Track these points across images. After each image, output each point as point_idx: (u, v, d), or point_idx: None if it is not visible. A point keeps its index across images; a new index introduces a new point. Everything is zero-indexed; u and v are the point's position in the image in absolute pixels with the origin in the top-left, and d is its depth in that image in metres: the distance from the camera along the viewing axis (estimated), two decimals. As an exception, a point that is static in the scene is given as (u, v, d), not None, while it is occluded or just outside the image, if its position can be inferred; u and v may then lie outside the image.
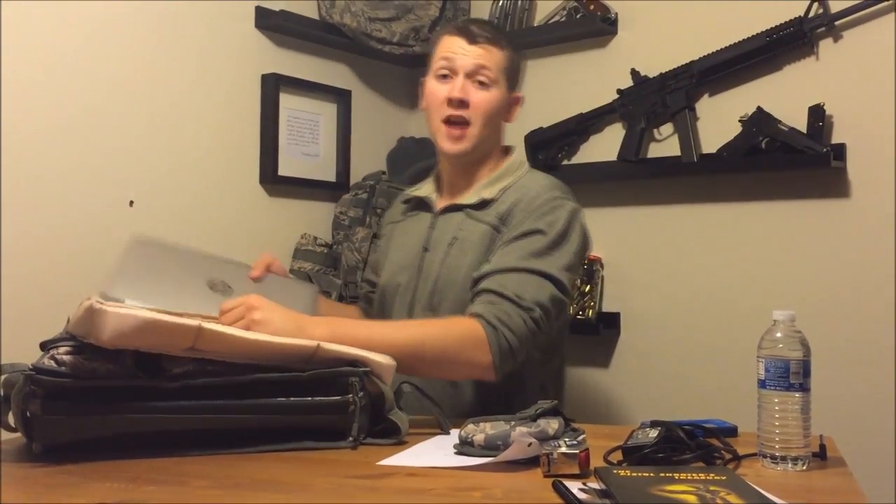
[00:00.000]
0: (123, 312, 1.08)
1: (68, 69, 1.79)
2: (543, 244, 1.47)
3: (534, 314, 1.41)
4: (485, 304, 1.41)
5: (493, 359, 1.38)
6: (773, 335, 1.09)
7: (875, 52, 1.81)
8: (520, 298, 1.41)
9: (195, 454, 1.11)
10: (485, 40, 1.56)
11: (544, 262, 1.45)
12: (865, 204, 1.82)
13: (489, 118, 1.56)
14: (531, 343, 1.43)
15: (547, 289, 1.44)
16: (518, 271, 1.44)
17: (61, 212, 1.77)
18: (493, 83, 1.55)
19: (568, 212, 1.51)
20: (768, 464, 1.08)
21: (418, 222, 1.65)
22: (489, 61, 1.55)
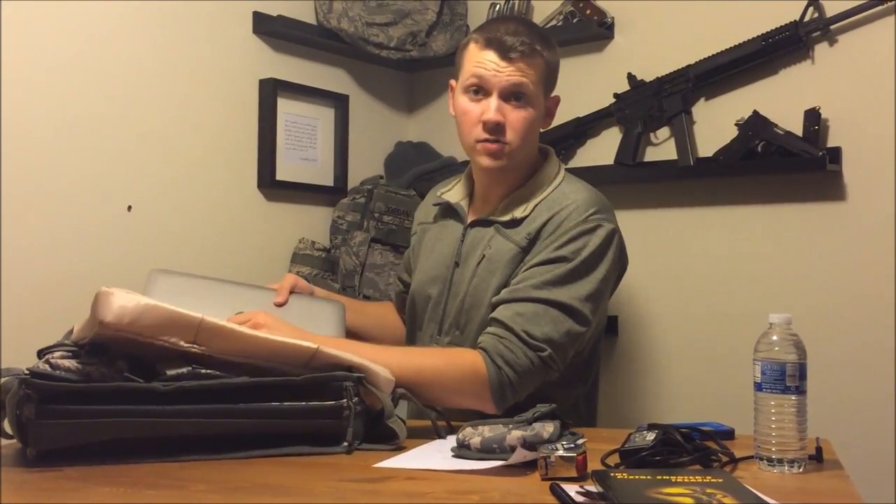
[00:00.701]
0: (129, 296, 1.10)
1: (66, 75, 1.79)
2: (564, 272, 1.42)
3: (542, 354, 1.37)
4: (492, 338, 1.38)
5: (493, 396, 1.36)
6: (769, 338, 1.10)
7: (871, 55, 1.82)
8: (529, 336, 1.37)
9: (192, 459, 1.11)
10: (519, 55, 1.46)
11: (563, 292, 1.40)
12: (861, 207, 1.83)
13: (527, 136, 1.49)
14: (538, 380, 1.40)
15: (561, 323, 1.39)
16: (535, 302, 1.39)
17: (59, 216, 1.77)
18: (530, 101, 1.48)
19: (601, 237, 1.45)
20: (765, 466, 1.08)
21: (450, 231, 1.61)
22: (525, 78, 1.46)
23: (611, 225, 1.48)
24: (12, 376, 1.08)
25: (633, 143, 2.08)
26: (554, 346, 1.39)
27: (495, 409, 1.37)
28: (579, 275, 1.42)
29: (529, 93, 1.48)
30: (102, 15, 1.85)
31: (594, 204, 1.49)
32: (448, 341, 1.55)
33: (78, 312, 1.48)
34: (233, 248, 2.07)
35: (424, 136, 2.50)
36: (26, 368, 1.09)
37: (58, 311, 1.68)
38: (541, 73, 1.49)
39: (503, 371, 1.36)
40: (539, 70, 1.48)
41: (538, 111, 1.51)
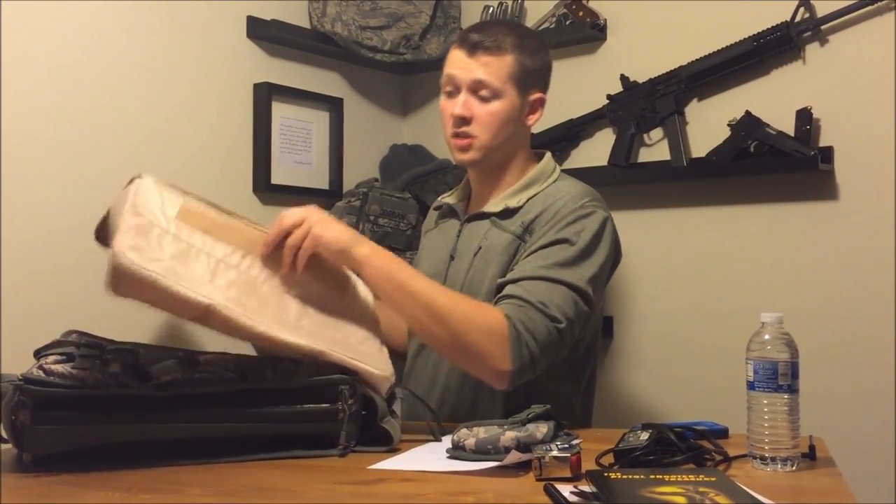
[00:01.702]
0: (141, 273, 1.09)
1: (60, 79, 1.79)
2: (570, 254, 1.44)
3: (560, 325, 1.37)
4: (513, 307, 1.37)
5: (511, 366, 1.33)
6: (761, 337, 1.11)
7: (861, 55, 1.83)
8: (545, 307, 1.37)
9: (187, 463, 1.11)
10: (484, 51, 1.51)
11: (571, 273, 1.42)
12: (853, 206, 1.84)
13: (496, 130, 1.52)
14: (552, 355, 1.40)
15: (573, 300, 1.40)
16: (545, 280, 1.40)
17: (54, 220, 1.77)
18: (495, 95, 1.51)
19: (597, 222, 1.48)
20: (758, 465, 1.09)
21: (447, 230, 1.65)
22: (488, 74, 1.50)
23: (605, 213, 1.52)
24: (7, 382, 1.08)
25: (627, 145, 2.08)
26: (568, 320, 1.39)
27: (509, 379, 1.34)
28: (582, 257, 1.45)
29: (494, 88, 1.50)
30: (96, 20, 1.85)
31: (588, 194, 1.53)
32: None
33: (76, 313, 1.49)
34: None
35: (419, 138, 2.51)
36: (20, 374, 1.09)
37: (55, 313, 1.68)
38: (510, 70, 1.51)
39: (523, 337, 1.34)
40: (508, 66, 1.51)
41: (509, 107, 1.52)
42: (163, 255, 1.14)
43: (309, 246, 1.28)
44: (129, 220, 1.15)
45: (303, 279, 1.28)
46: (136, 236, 1.13)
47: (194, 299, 1.13)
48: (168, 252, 1.15)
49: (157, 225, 1.17)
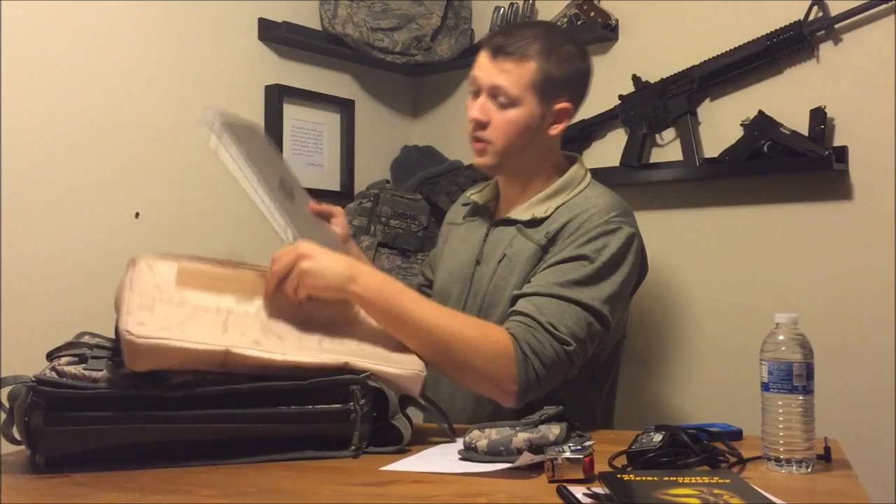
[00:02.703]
0: (153, 343, 1.10)
1: (72, 82, 1.80)
2: (587, 272, 1.41)
3: (568, 348, 1.35)
4: (520, 326, 1.36)
5: (518, 388, 1.33)
6: (775, 338, 1.10)
7: (876, 54, 1.81)
8: (555, 329, 1.35)
9: (199, 464, 1.11)
10: (506, 56, 1.47)
11: (586, 292, 1.39)
12: (868, 206, 1.82)
13: (511, 137, 1.49)
14: (560, 375, 1.38)
15: (585, 321, 1.38)
16: (557, 298, 1.38)
17: (66, 224, 1.78)
18: (512, 103, 1.48)
19: (621, 239, 1.45)
20: (773, 467, 1.08)
21: (475, 231, 1.63)
22: (507, 81, 1.47)
23: (631, 229, 1.48)
24: (20, 383, 1.09)
25: (639, 145, 2.07)
26: (578, 342, 1.37)
27: (516, 399, 1.34)
28: (601, 276, 1.42)
29: (511, 95, 1.47)
30: (108, 22, 1.86)
31: (616, 208, 1.49)
32: None
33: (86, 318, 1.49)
34: (241, 254, 2.07)
35: (430, 139, 2.51)
36: (33, 376, 1.10)
37: (66, 318, 1.69)
38: (532, 78, 1.48)
39: (530, 360, 1.33)
40: (529, 74, 1.47)
41: (526, 116, 1.49)
42: (170, 323, 1.15)
43: (303, 295, 1.27)
44: (131, 300, 1.16)
45: (312, 307, 1.29)
46: (140, 313, 1.14)
47: (212, 349, 1.14)
48: (175, 320, 1.16)
49: (158, 300, 1.18)
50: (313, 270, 1.26)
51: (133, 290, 1.18)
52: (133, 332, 1.10)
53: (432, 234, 2.30)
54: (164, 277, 1.21)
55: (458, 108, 2.46)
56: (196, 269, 1.25)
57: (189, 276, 1.23)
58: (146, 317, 1.14)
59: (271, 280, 1.27)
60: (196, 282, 1.23)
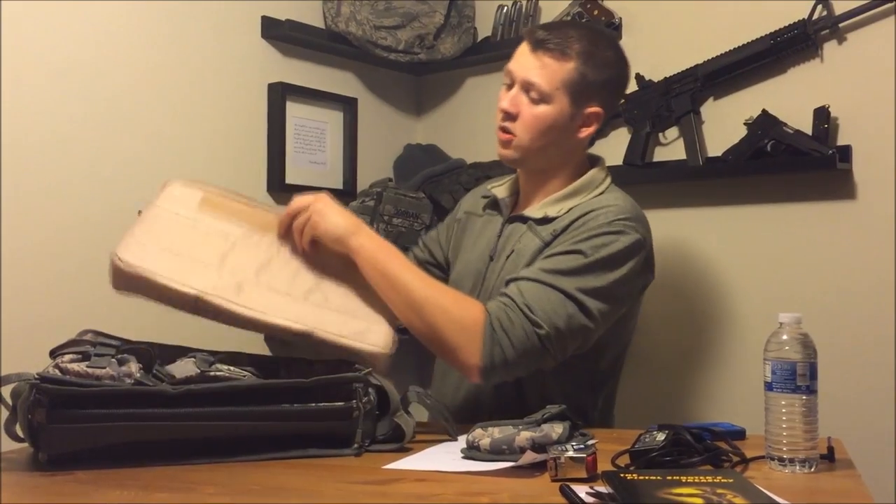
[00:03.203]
0: (131, 272, 1.22)
1: (74, 79, 1.80)
2: (578, 264, 1.40)
3: (540, 331, 1.35)
4: (497, 305, 1.37)
5: (482, 363, 1.35)
6: (779, 337, 1.10)
7: (880, 53, 1.81)
8: (530, 311, 1.35)
9: (202, 462, 1.11)
10: (546, 51, 1.46)
11: (570, 281, 1.38)
12: (871, 206, 1.82)
13: (537, 133, 1.48)
14: (534, 360, 1.37)
15: (563, 308, 1.37)
16: (540, 283, 1.38)
17: (68, 220, 1.78)
18: (544, 99, 1.47)
19: (624, 243, 1.43)
20: (776, 466, 1.08)
21: (491, 225, 1.62)
22: (541, 76, 1.46)
23: (638, 234, 1.46)
24: (23, 381, 1.09)
25: (642, 144, 2.07)
26: (553, 328, 1.35)
27: (479, 375, 1.36)
28: (591, 270, 1.40)
29: (543, 92, 1.46)
30: (110, 20, 1.86)
31: (627, 212, 1.47)
32: None
33: (87, 316, 1.49)
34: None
35: (433, 138, 2.50)
36: (36, 373, 1.10)
37: (67, 315, 1.69)
38: (567, 77, 1.46)
39: (497, 336, 1.34)
40: (565, 73, 1.46)
41: (557, 113, 1.48)
42: (170, 246, 1.24)
43: (308, 233, 1.37)
44: (137, 227, 1.28)
45: (322, 256, 1.39)
46: (140, 232, 1.25)
47: (183, 291, 1.23)
48: (177, 246, 1.25)
49: (173, 212, 1.30)
50: (323, 213, 1.38)
51: (146, 217, 1.29)
52: (119, 256, 1.23)
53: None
54: (187, 200, 1.34)
55: (462, 107, 2.46)
56: (219, 202, 1.37)
57: (212, 205, 1.35)
58: (143, 236, 1.25)
59: (286, 216, 1.38)
60: (216, 211, 1.35)
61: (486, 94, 2.42)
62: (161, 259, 1.24)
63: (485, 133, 2.40)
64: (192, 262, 1.26)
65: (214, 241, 1.30)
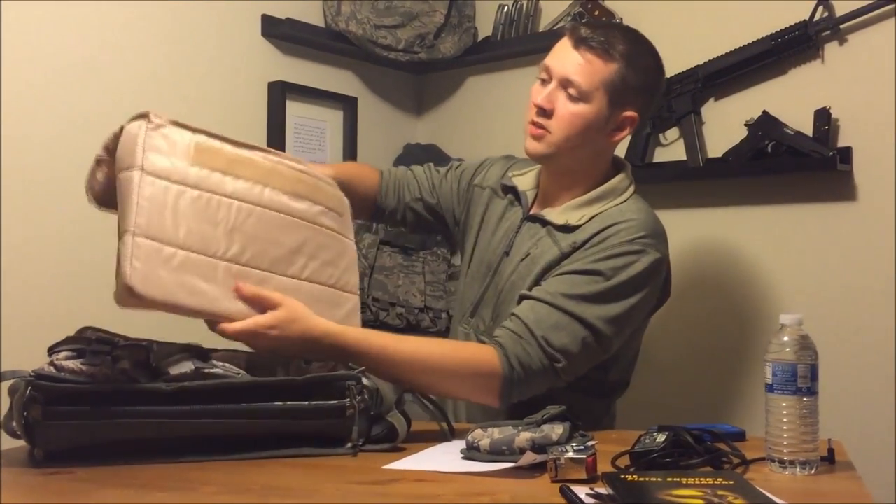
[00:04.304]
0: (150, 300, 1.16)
1: (75, 78, 1.80)
2: (598, 289, 1.37)
3: (557, 364, 1.35)
4: (512, 337, 1.36)
5: (501, 393, 1.35)
6: (780, 339, 1.09)
7: (881, 55, 1.81)
8: (548, 343, 1.35)
9: (198, 460, 1.11)
10: (588, 48, 1.43)
11: (591, 310, 1.36)
12: (872, 207, 1.82)
13: (572, 132, 1.45)
14: (545, 386, 1.38)
15: (582, 339, 1.36)
16: (559, 310, 1.36)
17: (67, 220, 1.78)
18: (582, 98, 1.43)
19: (644, 263, 1.40)
20: (776, 468, 1.08)
21: (510, 220, 1.57)
22: (582, 74, 1.42)
23: (658, 254, 1.43)
24: (18, 378, 1.09)
25: (643, 144, 2.07)
26: (569, 358, 1.36)
27: (499, 403, 1.37)
28: (613, 295, 1.38)
29: (583, 90, 1.43)
30: (111, 20, 1.85)
31: (648, 228, 1.44)
32: (474, 325, 1.56)
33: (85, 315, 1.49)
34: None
35: (433, 138, 2.50)
36: (32, 371, 1.09)
37: (65, 315, 1.68)
38: (607, 78, 1.43)
39: (515, 371, 1.35)
40: (606, 74, 1.43)
41: (595, 113, 1.44)
42: (176, 238, 1.18)
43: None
44: (138, 219, 1.17)
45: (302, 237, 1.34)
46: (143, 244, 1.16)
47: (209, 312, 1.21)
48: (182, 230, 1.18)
49: (174, 183, 1.20)
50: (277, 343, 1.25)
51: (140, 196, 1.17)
52: (135, 288, 1.14)
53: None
54: (179, 153, 1.22)
55: (462, 107, 2.46)
56: (214, 147, 1.26)
57: (206, 154, 1.24)
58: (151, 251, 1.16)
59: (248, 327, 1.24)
60: (213, 161, 1.24)
61: (486, 93, 2.42)
62: (178, 284, 1.17)
63: (485, 133, 2.40)
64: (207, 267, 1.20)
65: (220, 208, 1.23)
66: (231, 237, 1.24)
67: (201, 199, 1.21)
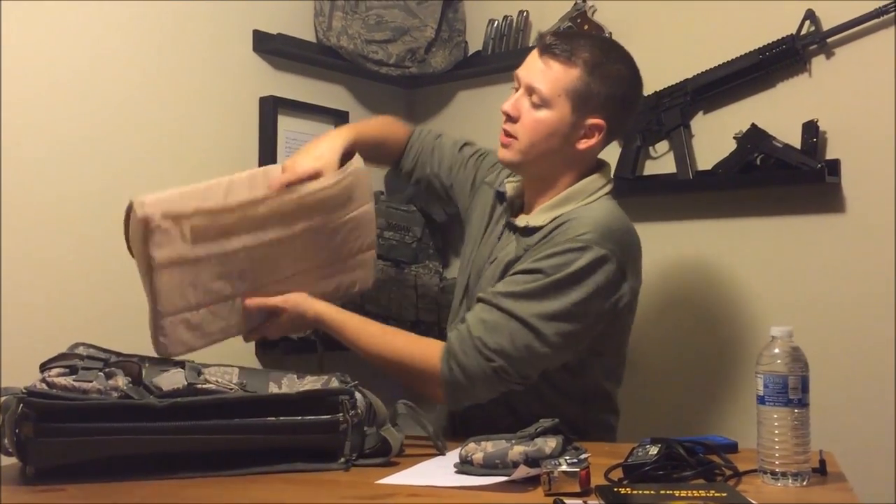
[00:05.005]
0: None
1: (67, 91, 1.80)
2: (535, 287, 1.38)
3: (493, 364, 1.37)
4: (457, 338, 1.40)
5: (444, 393, 1.41)
6: (771, 351, 1.10)
7: (868, 68, 1.82)
8: (484, 345, 1.37)
9: (191, 476, 1.11)
10: (552, 55, 1.44)
11: (526, 307, 1.37)
12: (860, 219, 1.83)
13: (535, 138, 1.45)
14: (494, 388, 1.39)
15: (520, 338, 1.36)
16: (498, 310, 1.38)
17: (60, 231, 1.77)
18: (544, 104, 1.44)
19: (586, 259, 1.37)
20: (768, 480, 1.08)
21: (498, 224, 1.59)
22: (544, 81, 1.43)
23: (603, 251, 1.39)
24: (10, 395, 1.08)
25: (633, 157, 2.08)
26: (507, 359, 1.36)
27: (448, 403, 1.44)
28: (550, 292, 1.37)
29: (544, 97, 1.44)
30: (103, 33, 1.85)
31: (596, 226, 1.41)
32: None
33: (81, 325, 1.49)
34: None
35: (424, 151, 2.50)
36: (24, 387, 1.09)
37: (60, 324, 1.68)
38: (569, 85, 1.43)
39: (454, 372, 1.39)
40: (568, 81, 1.43)
41: (557, 119, 1.44)
42: (195, 302, 1.37)
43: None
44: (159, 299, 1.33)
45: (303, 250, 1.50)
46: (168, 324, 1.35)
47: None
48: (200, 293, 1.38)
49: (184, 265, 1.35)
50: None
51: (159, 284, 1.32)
52: (164, 352, 1.33)
53: (426, 246, 2.29)
54: (178, 242, 1.34)
55: (452, 121, 2.47)
56: (207, 224, 1.36)
57: (202, 232, 1.36)
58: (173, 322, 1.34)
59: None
60: (211, 233, 1.37)
61: (476, 107, 2.43)
62: (199, 336, 1.38)
63: (476, 146, 2.41)
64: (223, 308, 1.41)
65: (231, 265, 1.40)
66: (243, 277, 1.41)
67: (210, 262, 1.37)
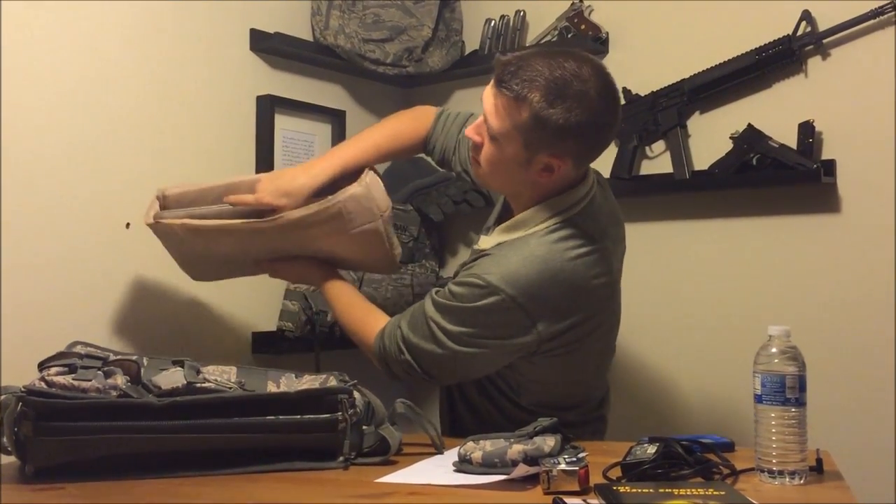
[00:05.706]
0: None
1: (64, 92, 1.79)
2: (445, 304, 1.41)
3: (403, 356, 1.45)
4: (393, 321, 1.50)
5: (379, 365, 1.50)
6: (768, 350, 1.11)
7: (863, 68, 1.83)
8: (402, 337, 1.46)
9: (190, 475, 1.11)
10: (500, 92, 1.36)
11: (438, 317, 1.41)
12: (856, 218, 1.84)
13: (490, 169, 1.43)
14: (406, 373, 1.46)
15: (427, 340, 1.42)
16: (423, 309, 1.45)
17: (57, 234, 1.77)
18: (496, 139, 1.38)
19: (488, 301, 1.36)
20: (766, 478, 1.09)
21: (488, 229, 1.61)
22: (496, 117, 1.37)
23: (503, 297, 1.35)
24: (9, 394, 1.08)
25: (629, 157, 2.08)
26: (414, 356, 1.44)
27: (387, 375, 1.51)
28: (453, 313, 1.40)
29: (494, 131, 1.38)
30: (99, 35, 1.85)
31: (505, 272, 1.36)
32: None
33: (75, 328, 1.49)
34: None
35: (421, 151, 2.51)
36: (23, 386, 1.09)
37: (55, 328, 1.67)
38: (520, 124, 1.34)
39: (380, 352, 1.49)
40: (519, 120, 1.34)
41: (510, 156, 1.38)
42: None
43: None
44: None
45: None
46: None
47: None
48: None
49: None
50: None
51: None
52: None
53: (422, 245, 2.30)
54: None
55: (449, 120, 2.47)
56: (199, 225, 1.57)
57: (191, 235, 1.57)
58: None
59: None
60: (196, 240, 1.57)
61: (473, 106, 2.42)
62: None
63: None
64: None
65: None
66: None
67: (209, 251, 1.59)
